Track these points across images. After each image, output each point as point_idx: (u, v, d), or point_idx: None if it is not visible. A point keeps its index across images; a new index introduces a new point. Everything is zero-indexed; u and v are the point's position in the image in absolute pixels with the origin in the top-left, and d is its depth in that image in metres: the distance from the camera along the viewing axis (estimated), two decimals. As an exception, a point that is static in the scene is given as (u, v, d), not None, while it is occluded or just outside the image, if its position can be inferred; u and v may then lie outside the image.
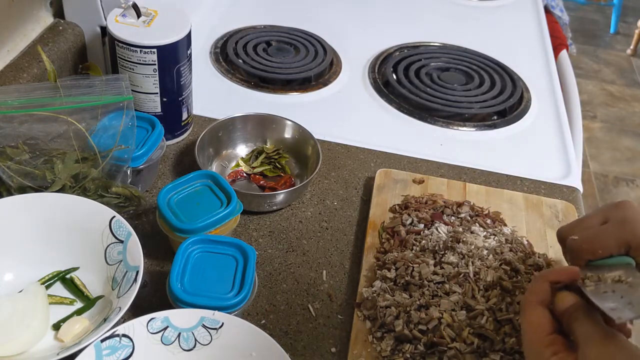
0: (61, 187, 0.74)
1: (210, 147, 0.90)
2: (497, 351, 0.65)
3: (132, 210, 0.79)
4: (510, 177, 0.96)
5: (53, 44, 0.91)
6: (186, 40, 0.84)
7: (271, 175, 0.91)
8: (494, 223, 0.81)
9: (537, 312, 0.53)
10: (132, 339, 0.61)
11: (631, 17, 3.81)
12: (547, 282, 0.55)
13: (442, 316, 0.67)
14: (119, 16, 0.84)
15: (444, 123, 1.06)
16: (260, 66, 1.12)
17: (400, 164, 0.96)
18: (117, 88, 0.77)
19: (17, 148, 0.74)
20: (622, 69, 3.45)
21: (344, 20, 1.34)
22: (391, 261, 0.75)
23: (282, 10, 1.34)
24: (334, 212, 0.86)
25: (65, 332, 0.66)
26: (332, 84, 1.13)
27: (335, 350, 0.69)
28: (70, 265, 0.72)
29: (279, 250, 0.80)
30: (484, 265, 0.72)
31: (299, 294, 0.75)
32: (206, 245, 0.70)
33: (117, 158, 0.76)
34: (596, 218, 0.60)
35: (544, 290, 0.54)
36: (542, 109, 1.14)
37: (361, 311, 0.71)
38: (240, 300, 0.65)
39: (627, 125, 3.01)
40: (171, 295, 0.65)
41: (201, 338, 0.63)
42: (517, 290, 0.70)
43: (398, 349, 0.66)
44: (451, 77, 1.18)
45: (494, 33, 1.38)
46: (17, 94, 0.75)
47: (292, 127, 0.93)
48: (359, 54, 1.23)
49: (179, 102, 0.90)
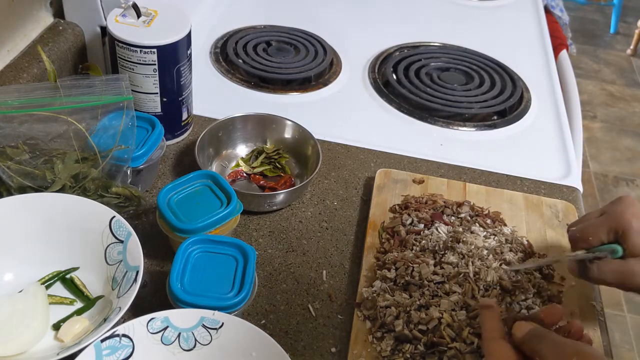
0: (61, 187, 0.74)
1: (210, 147, 0.90)
2: (497, 351, 0.65)
3: (132, 210, 0.79)
4: (510, 177, 0.96)
5: (53, 44, 0.91)
6: (186, 40, 0.84)
7: (271, 175, 0.91)
8: (494, 223, 0.81)
9: (500, 346, 0.55)
10: (132, 339, 0.61)
11: (631, 17, 3.81)
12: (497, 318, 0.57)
13: (442, 316, 0.67)
14: (119, 16, 0.84)
15: (444, 123, 1.06)
16: (260, 66, 1.12)
17: (400, 164, 0.96)
18: (117, 88, 0.77)
19: (17, 148, 0.74)
20: (622, 69, 3.45)
21: (344, 20, 1.34)
22: (391, 261, 0.75)
23: (282, 10, 1.34)
24: (334, 212, 0.86)
25: (65, 332, 0.65)
26: (332, 84, 1.13)
27: (335, 350, 0.69)
28: (70, 265, 0.72)
29: (279, 250, 0.80)
30: (484, 265, 0.72)
31: (299, 294, 0.75)
32: (206, 245, 0.70)
33: (117, 158, 0.76)
34: (596, 212, 0.66)
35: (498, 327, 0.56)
36: (542, 109, 1.14)
37: (361, 311, 0.71)
38: (240, 300, 0.65)
39: (627, 125, 3.01)
40: (171, 295, 0.65)
41: (201, 338, 0.63)
42: (517, 290, 0.70)
43: (398, 349, 0.66)
44: (451, 77, 1.18)
45: (494, 33, 1.38)
46: (17, 94, 0.75)
47: (292, 127, 0.93)
48: (359, 54, 1.23)
49: (179, 102, 0.90)
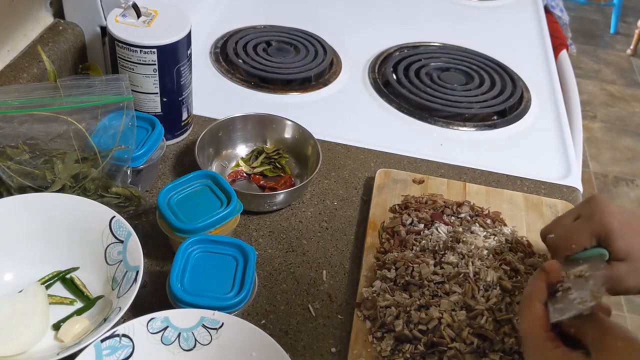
0: (61, 187, 0.74)
1: (210, 147, 0.90)
2: (497, 351, 0.65)
3: (132, 210, 0.79)
4: (510, 177, 0.96)
5: (53, 44, 0.91)
6: (186, 40, 0.84)
7: (271, 175, 0.91)
8: (494, 223, 0.81)
9: (537, 309, 0.56)
10: (132, 339, 0.61)
11: (631, 17, 3.81)
12: (544, 281, 0.57)
13: (442, 316, 0.67)
14: (119, 16, 0.84)
15: (444, 123, 1.06)
16: (260, 66, 1.12)
17: (400, 164, 0.96)
18: (117, 88, 0.77)
19: (17, 148, 0.74)
20: (622, 69, 3.45)
21: (344, 20, 1.34)
22: (391, 261, 0.75)
23: (282, 10, 1.34)
24: (334, 212, 0.86)
25: (65, 332, 0.65)
26: (332, 84, 1.13)
27: (335, 350, 0.69)
28: (70, 265, 0.72)
29: (279, 250, 0.80)
30: (484, 265, 0.72)
31: (299, 294, 0.75)
32: (206, 245, 0.70)
33: (117, 158, 0.76)
34: (570, 216, 0.65)
35: (541, 290, 0.57)
36: (542, 109, 1.14)
37: (361, 311, 0.71)
38: (240, 300, 0.65)
39: (627, 125, 3.01)
40: (171, 295, 0.65)
41: (201, 338, 0.63)
42: (517, 290, 0.70)
43: (398, 349, 0.66)
44: (451, 77, 1.18)
45: (494, 33, 1.38)
46: (17, 94, 0.75)
47: (292, 127, 0.93)
48: (359, 54, 1.23)
49: (179, 102, 0.90)
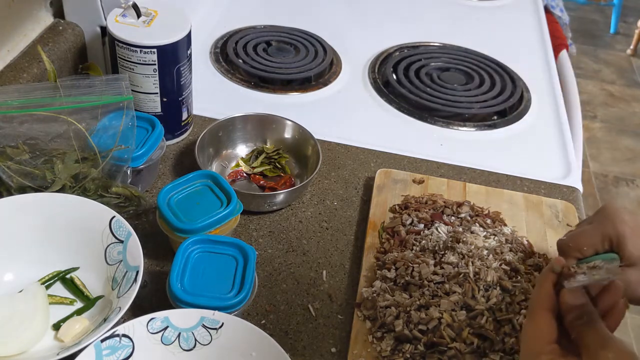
0: (61, 187, 0.74)
1: (210, 147, 0.90)
2: (497, 351, 0.65)
3: (132, 210, 0.79)
4: (510, 177, 0.96)
5: (53, 44, 0.91)
6: (186, 40, 0.84)
7: (271, 175, 0.91)
8: (494, 223, 0.81)
9: (544, 319, 0.54)
10: (132, 339, 0.61)
11: (631, 17, 3.81)
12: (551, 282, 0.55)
13: (442, 316, 0.67)
14: (119, 16, 0.84)
15: (444, 123, 1.06)
16: (260, 66, 1.12)
17: (400, 164, 0.96)
18: (117, 88, 0.77)
19: (17, 148, 0.74)
20: (622, 69, 3.45)
21: (344, 20, 1.34)
22: (391, 261, 0.75)
23: (282, 10, 1.34)
24: (334, 212, 0.86)
25: (65, 332, 0.65)
26: (332, 84, 1.13)
27: (335, 350, 0.69)
28: (70, 265, 0.72)
29: (279, 250, 0.80)
30: (484, 265, 0.72)
31: (299, 294, 0.75)
32: (206, 245, 0.70)
33: (117, 158, 0.76)
34: (584, 223, 0.65)
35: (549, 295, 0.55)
36: (542, 109, 1.14)
37: (361, 311, 0.71)
38: (240, 300, 0.65)
39: (627, 125, 3.01)
40: (171, 295, 0.65)
41: (201, 338, 0.63)
42: (517, 290, 0.70)
43: (398, 349, 0.66)
44: (451, 77, 1.18)
45: (494, 33, 1.38)
46: (17, 94, 0.75)
47: (292, 127, 0.93)
48: (359, 54, 1.23)
49: (179, 102, 0.90)
